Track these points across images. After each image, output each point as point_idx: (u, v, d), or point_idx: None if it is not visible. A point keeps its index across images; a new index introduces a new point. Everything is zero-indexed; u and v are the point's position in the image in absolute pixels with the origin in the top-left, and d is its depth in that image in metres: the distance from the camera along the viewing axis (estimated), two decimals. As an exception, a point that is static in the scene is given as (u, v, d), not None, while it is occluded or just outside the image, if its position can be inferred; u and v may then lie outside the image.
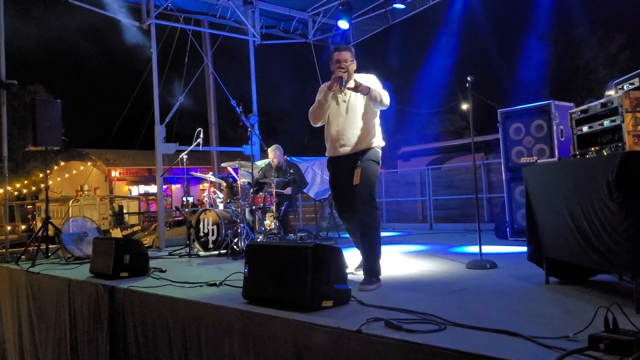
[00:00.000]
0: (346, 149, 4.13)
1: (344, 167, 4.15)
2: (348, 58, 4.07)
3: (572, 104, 6.51)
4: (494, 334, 2.41)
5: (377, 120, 4.21)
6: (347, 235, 8.70)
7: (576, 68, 23.95)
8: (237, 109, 7.15)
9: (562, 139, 6.23)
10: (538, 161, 3.54)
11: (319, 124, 4.28)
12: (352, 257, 5.63)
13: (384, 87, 4.14)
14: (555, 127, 6.21)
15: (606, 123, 2.90)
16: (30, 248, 6.97)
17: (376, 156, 4.15)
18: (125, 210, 23.57)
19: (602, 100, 2.92)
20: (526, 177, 3.74)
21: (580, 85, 23.41)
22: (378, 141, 4.20)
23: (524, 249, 3.91)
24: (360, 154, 4.09)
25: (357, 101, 4.12)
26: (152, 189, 28.75)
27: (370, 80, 4.14)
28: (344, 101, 4.15)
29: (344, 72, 4.01)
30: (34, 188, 27.35)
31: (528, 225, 3.69)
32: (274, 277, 3.28)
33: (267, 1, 10.00)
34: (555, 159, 3.89)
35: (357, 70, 4.24)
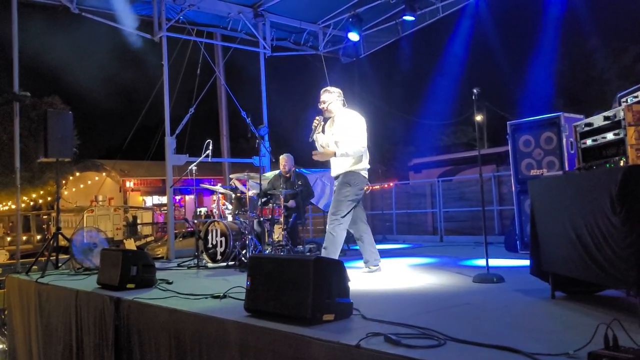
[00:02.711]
0: (333, 173, 5.25)
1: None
2: (324, 100, 5.17)
3: (582, 116, 6.44)
4: (494, 350, 2.38)
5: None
6: (357, 247, 8.69)
7: (590, 79, 23.75)
8: (247, 120, 7.19)
9: (572, 152, 6.16)
10: (544, 174, 3.51)
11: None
12: (358, 270, 5.62)
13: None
14: (565, 140, 6.15)
15: (609, 136, 2.87)
16: (42, 258, 7.05)
17: (349, 179, 5.04)
18: (139, 221, 23.73)
19: (605, 114, 2.89)
20: (532, 191, 3.70)
21: (594, 96, 23.19)
22: (355, 166, 5.05)
23: (533, 262, 3.85)
24: (340, 176, 5.11)
25: (336, 134, 5.11)
26: (166, 199, 28.94)
27: (342, 122, 5.10)
28: (332, 134, 5.23)
29: (316, 123, 5.20)
30: (49, 198, 27.68)
31: (532, 239, 3.65)
32: (276, 290, 3.27)
33: (277, 14, 10.09)
34: (560, 172, 3.85)
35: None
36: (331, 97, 5.15)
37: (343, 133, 5.07)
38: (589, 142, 3.08)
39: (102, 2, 8.40)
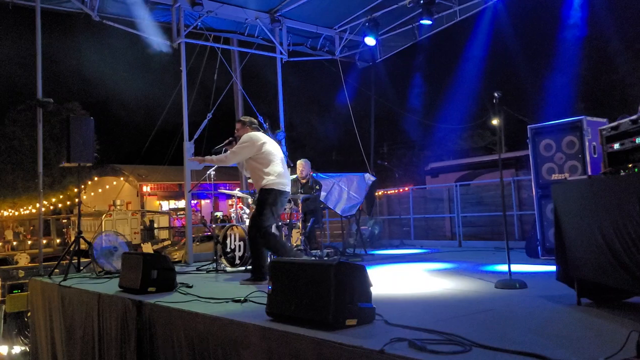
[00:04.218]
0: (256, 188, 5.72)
1: None
2: (236, 128, 5.83)
3: (605, 120, 6.36)
4: (522, 357, 2.34)
5: (261, 168, 5.53)
6: (375, 252, 8.68)
7: (612, 83, 23.41)
8: (264, 125, 7.22)
9: (595, 156, 6.07)
10: (567, 178, 3.46)
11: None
12: (377, 275, 5.60)
13: None
14: (587, 144, 6.06)
15: (638, 140, 2.82)
16: (63, 262, 7.13)
17: (262, 195, 5.49)
18: (156, 225, 23.92)
19: (633, 117, 2.85)
20: (555, 195, 3.65)
21: (617, 100, 22.85)
22: (265, 182, 5.50)
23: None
24: (259, 192, 5.60)
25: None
26: (182, 204, 29.15)
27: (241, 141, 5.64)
28: None
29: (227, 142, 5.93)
30: (69, 202, 28.05)
31: (557, 244, 3.60)
32: (298, 295, 3.27)
33: (294, 19, 10.13)
34: (585, 176, 3.79)
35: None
36: (239, 126, 5.80)
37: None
38: (616, 146, 3.03)
39: (123, 9, 8.53)
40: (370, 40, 10.11)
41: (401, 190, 12.71)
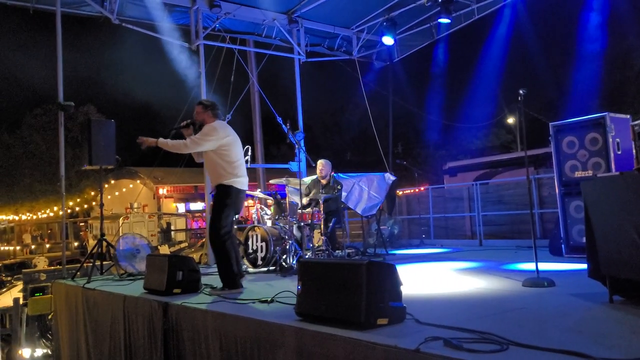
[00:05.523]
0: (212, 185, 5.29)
1: None
2: (196, 111, 5.34)
3: (628, 117, 6.28)
4: (561, 355, 2.32)
5: (223, 165, 5.11)
6: (395, 252, 8.65)
7: (626, 79, 23.14)
8: (284, 126, 7.23)
9: (619, 152, 6.00)
10: (598, 175, 3.41)
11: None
12: (402, 274, 5.56)
13: None
14: (611, 140, 5.98)
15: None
16: (85, 264, 7.20)
17: (222, 193, 5.10)
18: (172, 227, 24.10)
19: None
20: (585, 192, 3.61)
21: (631, 96, 22.59)
22: (225, 180, 5.10)
23: (581, 266, 3.77)
24: (215, 188, 5.18)
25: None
26: (198, 206, 29.31)
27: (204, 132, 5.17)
28: None
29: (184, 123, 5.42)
30: (85, 206, 28.35)
31: (588, 241, 3.55)
32: (328, 295, 3.27)
33: (312, 19, 10.13)
34: (617, 173, 3.74)
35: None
36: (200, 109, 5.34)
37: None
38: (650, 141, 2.99)
39: (141, 12, 8.60)
40: (388, 40, 10.09)
41: (417, 190, 12.65)
